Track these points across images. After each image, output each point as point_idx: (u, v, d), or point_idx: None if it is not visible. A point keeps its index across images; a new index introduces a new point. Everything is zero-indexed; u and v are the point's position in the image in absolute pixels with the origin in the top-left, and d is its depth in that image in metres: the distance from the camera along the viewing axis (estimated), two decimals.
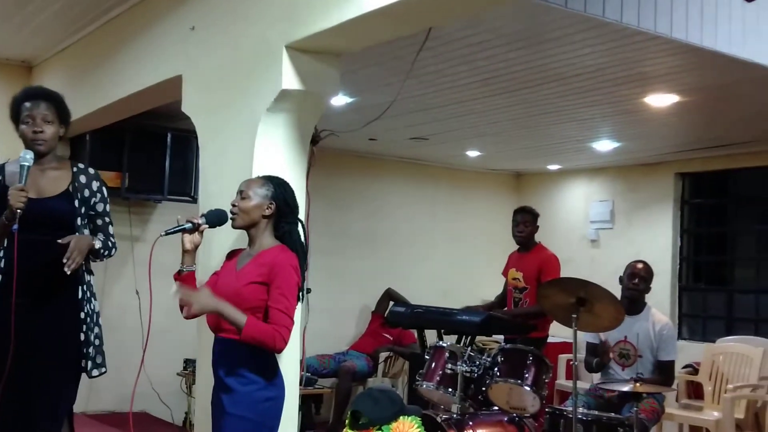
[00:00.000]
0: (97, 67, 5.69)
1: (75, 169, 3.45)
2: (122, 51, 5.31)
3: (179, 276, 3.11)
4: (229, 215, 3.16)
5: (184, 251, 3.13)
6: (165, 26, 4.78)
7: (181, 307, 3.06)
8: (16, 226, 3.11)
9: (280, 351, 2.97)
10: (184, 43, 4.53)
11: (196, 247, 3.15)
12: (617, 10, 3.92)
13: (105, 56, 5.56)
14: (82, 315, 3.38)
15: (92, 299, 3.46)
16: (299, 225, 3.19)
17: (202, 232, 3.16)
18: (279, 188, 3.16)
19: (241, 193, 3.12)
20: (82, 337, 3.37)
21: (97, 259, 3.44)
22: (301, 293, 3.09)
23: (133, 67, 5.15)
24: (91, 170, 3.52)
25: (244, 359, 2.97)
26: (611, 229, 8.66)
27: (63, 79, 6.19)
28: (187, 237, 3.13)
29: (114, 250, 3.49)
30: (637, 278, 5.04)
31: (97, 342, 3.45)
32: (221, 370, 3.03)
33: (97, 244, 3.35)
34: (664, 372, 4.95)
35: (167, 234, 3.13)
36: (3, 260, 3.29)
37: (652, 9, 4.01)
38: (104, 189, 3.52)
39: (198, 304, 2.92)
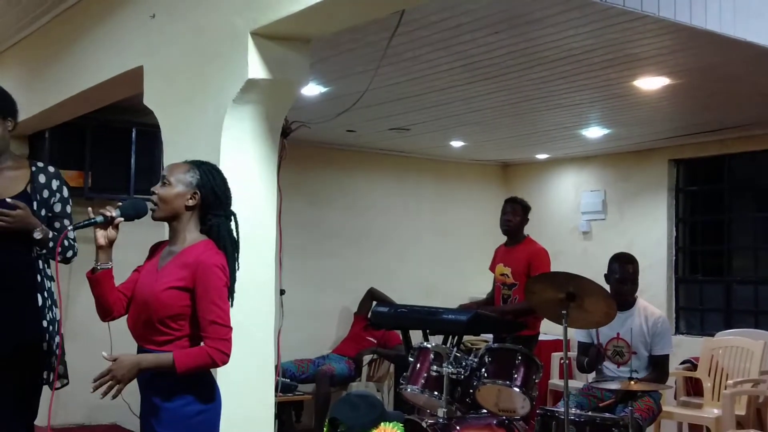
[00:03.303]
0: (54, 59, 5.66)
1: (34, 169, 3.42)
2: (80, 42, 5.28)
3: (93, 274, 2.83)
4: (149, 205, 2.90)
5: (98, 247, 2.82)
6: (124, 14, 4.76)
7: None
8: None
9: (224, 364, 2.78)
10: (144, 31, 4.51)
11: (112, 242, 2.84)
12: None
13: (62, 48, 5.53)
14: (45, 323, 3.35)
15: (54, 307, 3.43)
16: (230, 218, 2.93)
17: (117, 225, 2.85)
18: (207, 175, 2.88)
19: (163, 179, 2.87)
20: (45, 347, 3.34)
21: (44, 252, 3.33)
22: (231, 294, 2.86)
23: (92, 58, 5.13)
24: (51, 169, 3.48)
25: (169, 373, 2.73)
26: (603, 219, 8.68)
27: (18, 73, 6.18)
28: (100, 232, 2.82)
29: (71, 252, 3.41)
30: (629, 280, 5.01)
31: (58, 352, 3.41)
32: (146, 388, 2.84)
33: (37, 234, 3.25)
34: (658, 367, 4.95)
35: (76, 228, 2.94)
36: None
37: None
38: (65, 189, 3.48)
39: (122, 380, 2.69)
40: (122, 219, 2.86)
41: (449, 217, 9.34)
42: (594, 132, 7.46)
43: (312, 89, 5.78)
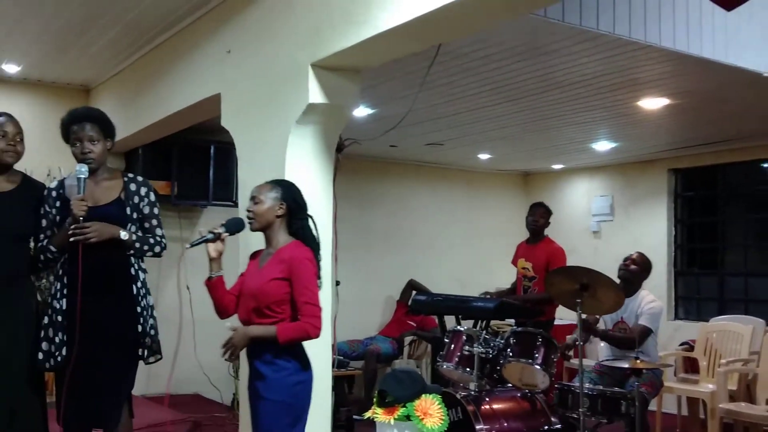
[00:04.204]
0: (146, 88, 5.72)
1: (126, 179, 3.43)
2: (168, 73, 5.34)
3: (209, 281, 3.06)
4: (246, 220, 3.11)
5: (211, 259, 3.07)
6: (204, 50, 4.79)
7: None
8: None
9: (317, 337, 2.93)
10: (221, 64, 4.54)
11: (220, 254, 3.08)
12: (610, 23, 3.88)
13: (153, 78, 5.59)
14: (138, 309, 3.36)
15: (147, 295, 3.44)
16: (309, 220, 3.11)
17: (223, 240, 3.08)
18: (287, 189, 3.08)
19: (254, 199, 3.05)
20: (139, 328, 3.36)
21: (132, 251, 3.35)
22: (319, 280, 3.04)
23: (178, 87, 5.18)
24: (140, 178, 3.48)
25: (274, 349, 2.93)
26: (611, 221, 8.57)
27: (117, 100, 6.24)
28: (211, 246, 3.06)
29: (158, 247, 3.41)
30: (629, 260, 4.96)
31: (152, 332, 3.43)
32: (255, 360, 3.00)
33: (123, 235, 3.27)
34: (638, 333, 4.73)
35: (192, 246, 3.08)
36: (68, 262, 3.29)
37: (642, 20, 3.96)
38: (152, 194, 3.46)
39: (238, 346, 2.93)
40: (228, 234, 3.09)
41: (477, 219, 9.29)
42: (603, 145, 7.38)
43: (362, 111, 5.80)
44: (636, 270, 4.96)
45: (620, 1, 3.92)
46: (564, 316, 6.70)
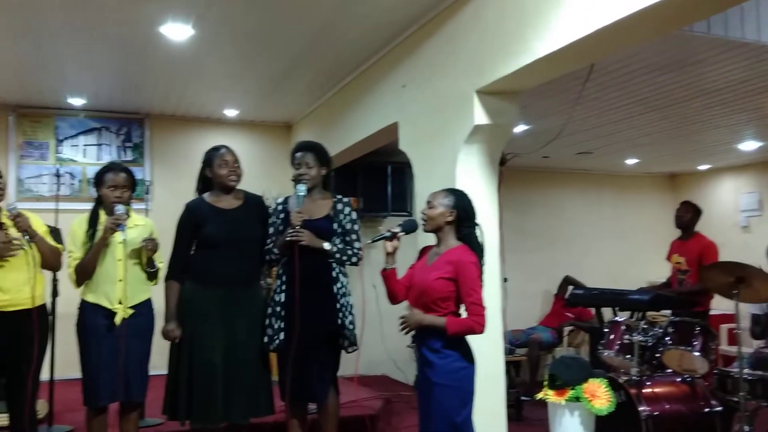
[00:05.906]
0: (336, 121, 5.93)
1: (335, 199, 3.56)
2: (353, 107, 5.51)
3: (384, 272, 3.05)
4: (420, 222, 3.05)
5: (387, 254, 3.05)
6: (383, 86, 4.91)
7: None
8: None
9: (482, 332, 2.84)
10: (397, 97, 4.63)
11: (395, 250, 3.05)
12: (755, 31, 3.58)
13: (341, 113, 5.78)
14: (338, 306, 3.46)
15: (346, 295, 3.52)
16: (477, 228, 2.98)
17: (399, 238, 3.05)
18: (459, 199, 2.97)
19: (429, 203, 3.00)
20: (339, 321, 3.47)
21: (333, 260, 3.45)
22: (481, 282, 2.91)
23: (362, 119, 5.33)
24: (346, 200, 3.59)
25: (440, 339, 2.85)
26: (760, 216, 7.84)
27: (313, 132, 6.51)
28: (388, 243, 3.04)
29: (355, 258, 3.51)
30: None
31: (351, 326, 3.50)
32: (423, 348, 2.93)
33: (326, 246, 3.39)
34: None
35: (373, 241, 3.10)
36: (286, 264, 3.45)
37: None
38: (353, 213, 3.57)
39: (410, 326, 2.89)
40: (403, 233, 3.05)
41: (626, 219, 8.84)
42: (749, 145, 6.79)
43: (519, 127, 5.70)
44: None
45: (765, 11, 3.61)
46: (717, 306, 6.21)
